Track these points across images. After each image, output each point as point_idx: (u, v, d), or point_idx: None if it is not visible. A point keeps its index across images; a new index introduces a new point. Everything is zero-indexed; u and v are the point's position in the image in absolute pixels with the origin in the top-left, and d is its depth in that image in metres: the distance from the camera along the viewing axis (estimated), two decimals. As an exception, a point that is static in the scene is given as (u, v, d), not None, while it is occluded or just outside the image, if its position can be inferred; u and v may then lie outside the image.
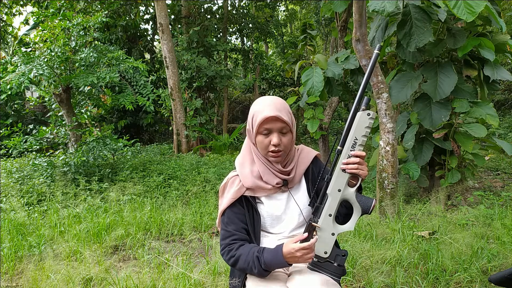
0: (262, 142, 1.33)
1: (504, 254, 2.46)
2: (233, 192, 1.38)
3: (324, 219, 1.26)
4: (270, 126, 1.30)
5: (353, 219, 1.27)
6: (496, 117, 3.61)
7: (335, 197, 1.25)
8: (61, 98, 5.35)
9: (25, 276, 2.48)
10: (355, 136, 1.24)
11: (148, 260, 2.70)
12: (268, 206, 1.38)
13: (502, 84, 10.33)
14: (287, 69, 8.67)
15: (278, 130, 1.31)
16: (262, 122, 1.29)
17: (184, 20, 10.08)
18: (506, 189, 4.41)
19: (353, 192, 1.26)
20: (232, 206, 1.38)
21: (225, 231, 1.37)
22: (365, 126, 1.23)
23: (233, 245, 1.33)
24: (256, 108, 1.34)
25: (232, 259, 1.31)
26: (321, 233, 1.26)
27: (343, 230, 1.28)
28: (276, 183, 1.36)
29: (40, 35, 5.23)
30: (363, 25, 3.37)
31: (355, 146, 1.24)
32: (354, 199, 1.26)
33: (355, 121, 1.23)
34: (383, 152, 3.51)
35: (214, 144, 8.79)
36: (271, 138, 1.31)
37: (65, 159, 4.96)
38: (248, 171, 1.38)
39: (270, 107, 1.30)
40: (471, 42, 3.57)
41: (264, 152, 1.35)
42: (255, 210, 1.39)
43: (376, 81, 3.43)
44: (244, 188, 1.37)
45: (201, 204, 4.12)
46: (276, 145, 1.30)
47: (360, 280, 2.30)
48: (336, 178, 1.25)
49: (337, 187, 1.25)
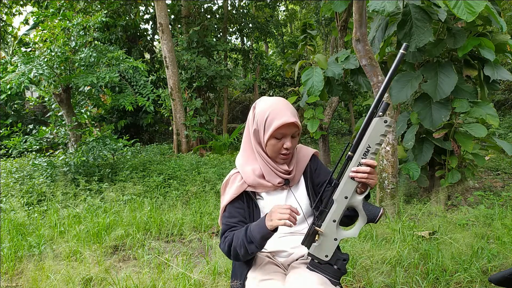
0: (275, 146, 1.33)
1: (504, 254, 2.46)
2: (235, 188, 1.40)
3: (328, 224, 1.23)
4: (285, 131, 1.31)
5: (358, 226, 1.24)
6: (496, 117, 3.61)
7: (341, 203, 1.22)
8: (61, 98, 5.35)
9: (25, 276, 2.48)
10: (368, 144, 1.16)
11: (148, 260, 2.69)
12: (268, 202, 1.40)
13: (502, 84, 10.33)
14: (287, 69, 8.67)
15: (292, 134, 1.33)
16: (279, 127, 1.29)
17: (184, 20, 10.08)
18: (506, 189, 4.40)
19: (360, 200, 1.22)
20: (233, 201, 1.40)
21: (225, 225, 1.39)
22: (380, 134, 1.14)
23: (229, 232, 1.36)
24: (271, 110, 1.32)
25: (227, 244, 1.32)
26: (324, 237, 1.24)
27: (347, 236, 1.25)
28: (278, 183, 1.37)
29: (40, 35, 5.23)
30: (363, 25, 3.37)
31: (367, 154, 1.17)
32: (361, 207, 1.22)
33: (369, 127, 1.15)
34: (383, 152, 3.51)
35: (214, 144, 8.78)
36: (283, 142, 1.33)
37: (65, 159, 4.96)
38: (250, 169, 1.39)
39: (288, 112, 1.30)
40: (471, 42, 3.56)
41: (275, 154, 1.36)
42: (255, 205, 1.41)
43: (376, 81, 3.43)
44: (246, 184, 1.39)
45: (201, 204, 4.12)
46: (288, 148, 1.33)
47: (360, 280, 2.30)
48: (344, 185, 1.20)
49: (344, 194, 1.21)
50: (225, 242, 1.33)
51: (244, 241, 1.26)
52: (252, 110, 1.40)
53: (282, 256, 1.42)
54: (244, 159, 1.43)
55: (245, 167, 1.41)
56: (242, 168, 1.41)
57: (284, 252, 1.42)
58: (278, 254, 1.43)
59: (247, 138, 1.43)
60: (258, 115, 1.35)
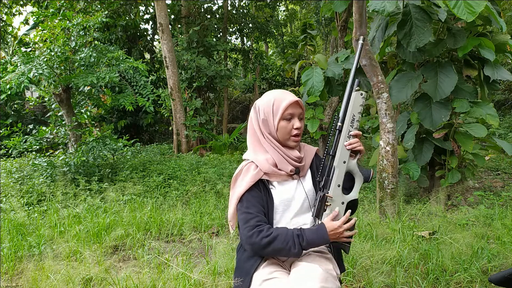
0: (286, 127, 1.42)
1: (504, 254, 2.46)
2: (251, 176, 1.42)
3: (334, 189, 1.38)
4: (292, 111, 1.42)
5: (356, 188, 1.41)
6: (496, 117, 3.61)
7: (341, 168, 1.39)
8: (61, 98, 5.35)
9: (25, 276, 2.48)
10: (353, 113, 1.39)
11: (148, 260, 2.69)
12: (280, 191, 1.44)
13: (502, 84, 10.32)
14: (287, 69, 8.68)
15: (298, 115, 1.44)
16: (287, 107, 1.40)
17: (184, 20, 10.07)
18: (506, 189, 4.40)
19: (355, 164, 1.41)
20: (250, 190, 1.41)
21: (247, 214, 1.37)
22: (360, 104, 1.39)
23: (262, 226, 1.34)
24: (275, 98, 1.43)
25: (266, 239, 1.31)
26: (333, 203, 1.38)
27: (350, 198, 1.40)
28: (290, 170, 1.44)
29: (40, 35, 5.23)
30: (363, 25, 3.37)
31: (354, 122, 1.39)
32: (357, 169, 1.40)
33: (351, 101, 1.39)
34: (383, 152, 3.51)
35: (214, 144, 8.78)
36: (293, 123, 1.43)
37: (65, 159, 4.96)
38: (263, 158, 1.44)
39: (290, 95, 1.43)
40: (471, 42, 3.56)
41: (287, 137, 1.43)
42: (268, 193, 1.43)
43: (376, 81, 3.43)
44: (262, 172, 1.43)
45: (201, 204, 4.12)
46: (298, 128, 1.43)
47: (360, 280, 2.30)
48: (341, 152, 1.39)
49: (343, 159, 1.39)
50: (261, 236, 1.31)
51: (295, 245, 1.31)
52: (254, 108, 1.47)
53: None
54: (255, 152, 1.47)
55: (258, 156, 1.45)
56: (256, 158, 1.45)
57: None
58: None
59: (253, 135, 1.48)
60: (263, 106, 1.44)
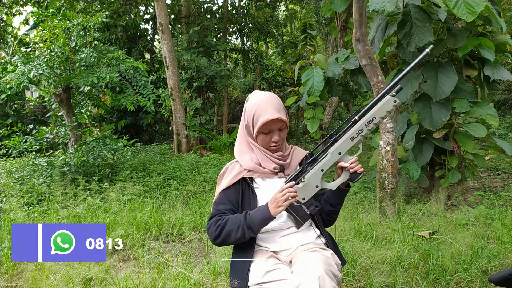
0: (264, 140, 1.45)
1: (504, 254, 2.46)
2: (232, 175, 1.47)
3: (315, 171, 1.35)
4: (271, 126, 1.41)
5: (338, 181, 1.36)
6: (496, 117, 3.61)
7: (333, 157, 1.33)
8: (61, 98, 5.35)
9: (25, 276, 2.48)
10: (374, 115, 1.30)
11: (148, 260, 2.69)
12: (263, 187, 1.47)
13: (502, 84, 10.32)
14: (287, 69, 8.67)
15: (279, 127, 1.43)
16: (265, 123, 1.39)
17: (184, 20, 10.07)
18: (506, 189, 4.40)
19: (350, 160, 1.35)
20: (226, 189, 1.46)
21: (215, 210, 1.45)
22: (387, 109, 1.29)
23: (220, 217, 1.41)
24: (257, 108, 1.42)
25: (219, 228, 1.37)
26: (308, 182, 1.35)
27: (327, 187, 1.37)
28: (273, 168, 1.46)
29: (40, 35, 5.22)
30: (363, 25, 3.37)
31: (370, 123, 1.30)
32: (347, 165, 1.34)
33: (381, 102, 1.30)
34: (383, 152, 3.51)
35: (214, 144, 8.78)
36: (271, 136, 1.43)
37: (65, 159, 4.96)
38: (247, 157, 1.48)
39: (271, 109, 1.39)
40: (471, 42, 3.56)
41: (266, 147, 1.47)
42: (252, 192, 1.46)
43: (376, 81, 3.43)
44: (245, 171, 1.46)
45: (201, 204, 4.12)
46: (276, 141, 1.44)
47: (360, 280, 2.29)
48: (342, 142, 1.32)
49: (339, 150, 1.33)
50: (217, 225, 1.38)
51: (243, 225, 1.33)
52: (245, 104, 1.49)
53: (284, 254, 1.45)
54: (241, 149, 1.51)
55: (243, 155, 1.49)
56: (241, 157, 1.50)
57: (287, 251, 1.45)
58: (280, 253, 1.46)
59: (241, 134, 1.53)
60: (247, 112, 1.46)
